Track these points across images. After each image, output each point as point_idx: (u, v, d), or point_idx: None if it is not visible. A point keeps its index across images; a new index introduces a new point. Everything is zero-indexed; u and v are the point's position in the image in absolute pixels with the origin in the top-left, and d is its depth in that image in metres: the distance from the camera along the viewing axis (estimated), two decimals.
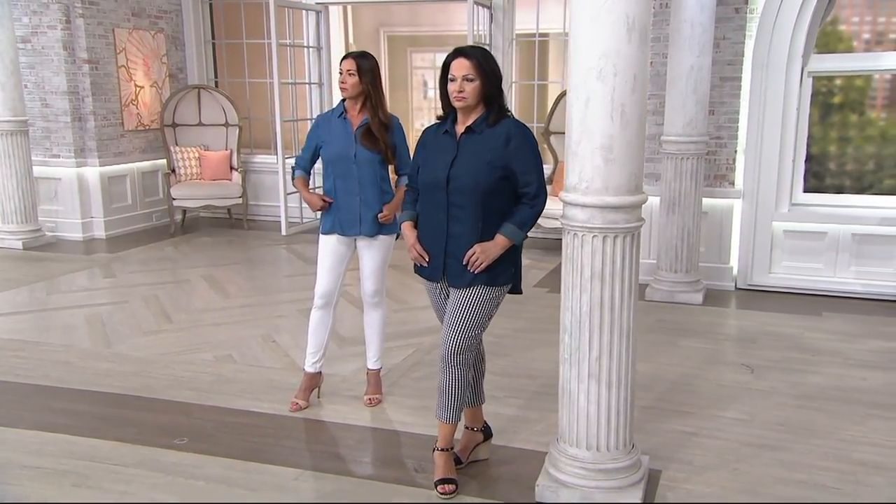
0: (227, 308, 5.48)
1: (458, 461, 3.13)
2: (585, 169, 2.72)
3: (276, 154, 7.98)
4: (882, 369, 4.27)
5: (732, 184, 5.92)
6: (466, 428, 3.23)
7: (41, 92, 7.54)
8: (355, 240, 3.69)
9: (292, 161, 8.09)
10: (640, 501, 2.84)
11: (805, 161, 5.97)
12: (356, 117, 3.59)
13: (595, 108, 2.67)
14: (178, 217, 8.19)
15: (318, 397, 3.85)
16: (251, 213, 8.57)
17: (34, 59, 7.48)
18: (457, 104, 2.88)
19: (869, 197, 5.93)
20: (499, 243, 2.86)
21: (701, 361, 4.42)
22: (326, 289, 3.72)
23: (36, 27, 7.38)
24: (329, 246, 3.68)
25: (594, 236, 2.74)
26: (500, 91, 2.92)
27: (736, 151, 5.89)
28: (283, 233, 7.92)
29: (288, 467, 3.19)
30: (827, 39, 6.03)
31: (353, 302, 5.63)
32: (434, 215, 2.95)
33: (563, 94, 7.54)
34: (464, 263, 2.88)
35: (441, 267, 2.97)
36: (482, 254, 2.85)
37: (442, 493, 2.96)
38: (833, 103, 6.25)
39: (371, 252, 3.70)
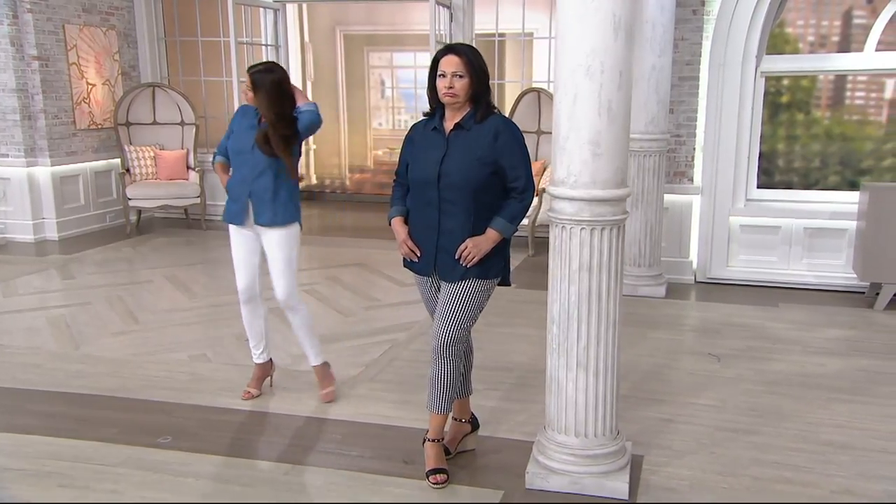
0: (195, 308, 5.41)
1: (446, 452, 3.18)
2: (574, 163, 2.81)
3: None
4: (839, 356, 4.49)
5: (691, 180, 6.12)
6: (454, 419, 3.29)
7: None
8: (257, 232, 3.62)
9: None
10: (627, 484, 2.95)
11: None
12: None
13: (583, 104, 2.76)
14: (134, 217, 8.02)
15: (271, 386, 3.93)
16: (209, 213, 8.45)
17: None
18: (446, 100, 2.92)
19: (820, 192, 6.21)
20: (490, 237, 2.93)
21: (669, 352, 4.57)
22: (245, 284, 3.72)
23: None
24: (236, 238, 3.67)
25: (582, 229, 2.83)
26: (488, 89, 2.97)
27: (695, 149, 6.10)
28: None
29: (277, 462, 3.20)
30: (775, 41, 6.28)
31: (322, 300, 5.63)
32: (425, 211, 3.00)
33: (524, 93, 7.67)
34: (456, 258, 2.93)
35: (432, 261, 3.02)
36: (474, 248, 2.91)
37: (434, 483, 3.01)
38: (781, 103, 6.52)
39: (272, 248, 3.62)
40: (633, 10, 2.77)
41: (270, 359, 3.92)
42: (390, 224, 3.15)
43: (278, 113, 3.48)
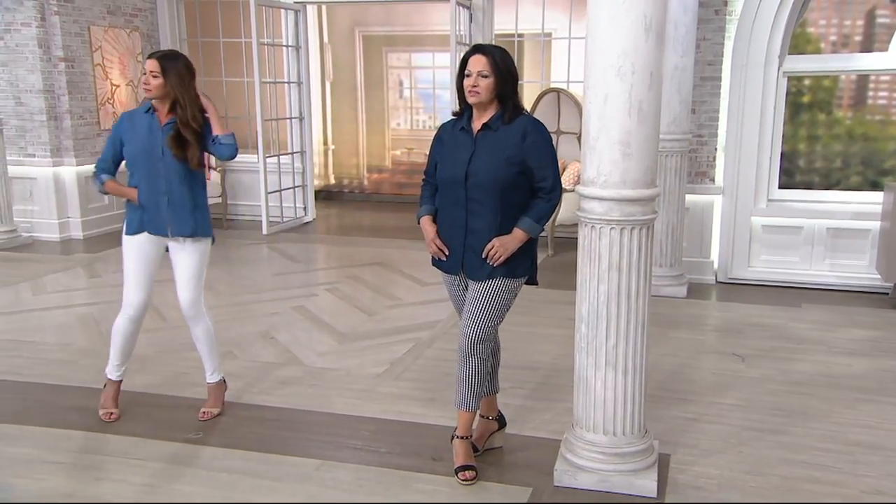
0: (220, 306, 5.47)
1: (474, 449, 3.20)
2: (603, 163, 2.82)
3: (257, 153, 7.96)
4: (864, 356, 4.48)
5: (713, 180, 6.11)
6: (482, 417, 3.30)
7: (15, 91, 7.40)
8: (165, 243, 3.48)
9: (274, 160, 8.13)
10: (655, 483, 2.96)
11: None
12: (164, 117, 3.38)
13: (613, 104, 2.77)
14: None
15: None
16: (230, 213, 8.53)
17: (7, 57, 7.34)
18: (470, 99, 2.94)
19: (842, 193, 6.18)
20: (517, 237, 2.95)
21: (693, 351, 4.57)
22: (143, 298, 3.49)
23: (9, 24, 7.24)
24: (137, 249, 3.45)
25: (612, 228, 2.84)
26: (515, 90, 2.98)
27: (716, 149, 6.09)
28: (265, 232, 7.92)
29: (308, 458, 3.23)
30: (797, 41, 6.26)
31: (344, 299, 5.67)
32: (453, 210, 3.02)
33: (543, 93, 7.68)
34: (483, 257, 2.96)
35: (460, 260, 3.04)
36: (501, 247, 2.93)
37: (463, 480, 3.04)
38: (802, 103, 6.50)
39: (184, 258, 3.48)
40: (664, 11, 2.78)
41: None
42: (419, 223, 3.17)
43: (192, 98, 3.34)
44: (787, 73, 6.03)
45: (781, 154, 6.19)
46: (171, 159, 3.35)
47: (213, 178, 8.22)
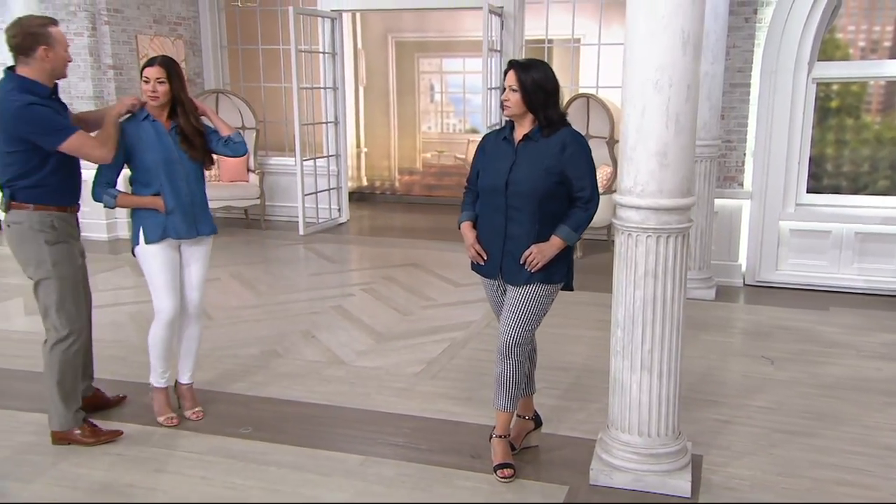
0: (262, 305, 5.58)
1: (511, 448, 3.25)
2: (641, 173, 2.85)
3: (295, 156, 8.08)
4: (894, 360, 4.44)
5: (742, 185, 6.09)
6: (518, 416, 3.35)
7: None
8: (180, 248, 3.51)
9: (310, 163, 8.23)
10: (689, 483, 2.98)
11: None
12: (166, 122, 3.39)
13: (651, 116, 2.80)
14: None
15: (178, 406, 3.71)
16: (268, 214, 8.65)
17: None
18: (503, 112, 3.04)
19: (871, 197, 6.12)
20: (554, 244, 2.99)
21: (723, 354, 4.57)
22: (176, 302, 3.50)
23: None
24: (162, 256, 3.43)
25: (648, 236, 2.88)
26: (547, 103, 2.98)
27: (745, 154, 6.06)
28: (301, 232, 8.02)
29: (351, 454, 3.31)
30: (825, 47, 6.21)
31: (380, 299, 5.73)
32: (493, 217, 3.07)
33: (573, 99, 7.69)
34: (521, 263, 3.00)
35: (498, 265, 3.09)
36: (539, 254, 2.98)
37: (502, 477, 3.09)
38: (830, 107, 6.44)
39: (199, 259, 3.54)
40: (701, 26, 2.80)
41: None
42: (459, 228, 3.22)
43: (190, 101, 3.38)
44: (817, 80, 5.98)
45: (809, 159, 6.15)
46: (188, 161, 3.40)
47: (252, 179, 8.35)
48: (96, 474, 3.13)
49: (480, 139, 3.24)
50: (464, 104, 10.91)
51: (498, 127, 3.18)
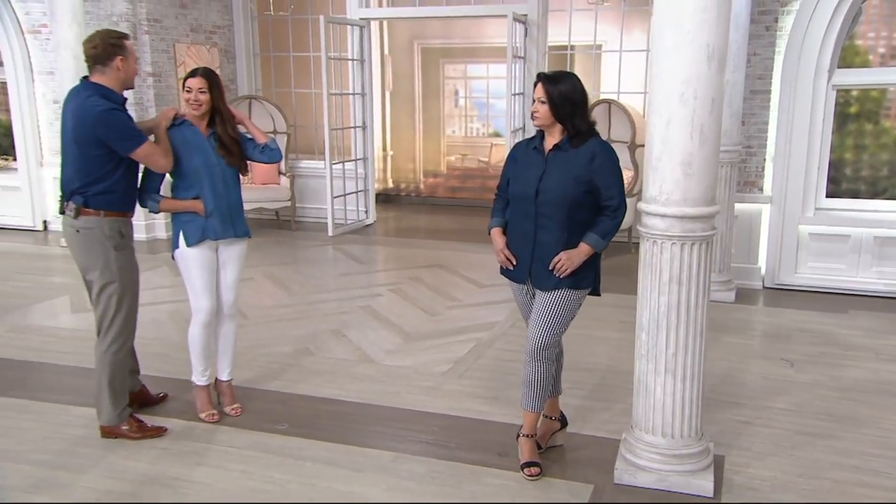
0: (294, 304, 5.65)
1: (537, 447, 3.28)
2: (666, 182, 2.87)
3: (324, 159, 8.15)
4: None
5: (761, 189, 6.06)
6: (545, 416, 3.38)
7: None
8: (217, 250, 3.58)
9: (339, 166, 8.30)
10: (712, 483, 2.99)
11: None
12: (205, 129, 3.48)
13: (676, 127, 2.82)
14: None
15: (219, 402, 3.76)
16: (297, 215, 8.74)
17: None
18: (532, 122, 3.08)
19: (890, 202, 6.06)
20: (583, 251, 3.01)
21: (743, 356, 4.56)
22: (213, 302, 3.59)
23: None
24: (200, 258, 3.50)
25: (673, 244, 2.89)
26: (575, 114, 3.00)
27: (765, 159, 6.03)
28: (330, 233, 8.10)
29: (383, 450, 3.36)
30: (845, 53, 6.15)
31: (406, 299, 5.78)
32: (523, 224, 3.10)
33: (595, 104, 7.67)
34: (550, 269, 3.03)
35: (527, 270, 3.12)
36: (567, 260, 3.00)
37: (529, 475, 3.12)
38: (850, 113, 6.38)
39: (235, 259, 3.62)
40: (726, 40, 2.81)
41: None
42: (489, 234, 3.26)
43: (228, 109, 3.48)
44: (837, 87, 5.92)
45: (829, 163, 6.09)
46: (227, 167, 3.49)
47: (283, 182, 8.44)
48: (142, 467, 3.21)
49: (511, 148, 3.27)
50: (487, 108, 10.93)
51: (517, 129, 3.18)
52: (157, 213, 3.57)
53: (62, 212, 3.35)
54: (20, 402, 3.85)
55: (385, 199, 10.64)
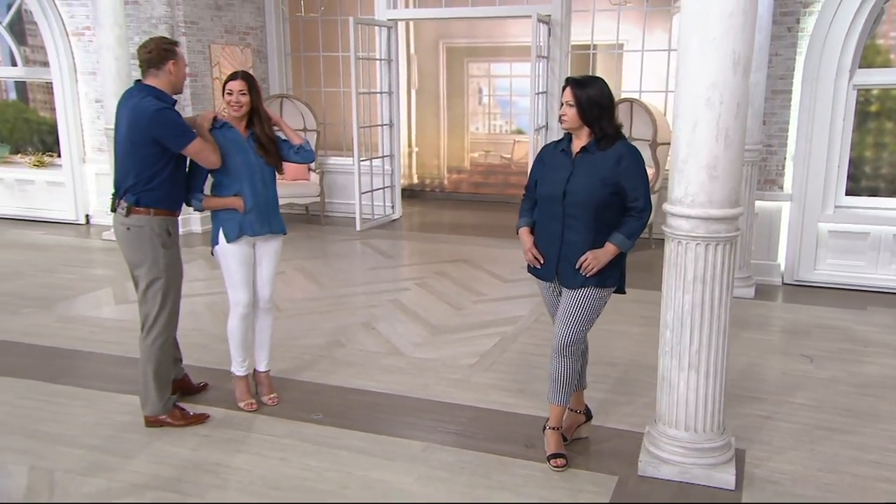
0: (325, 298, 5.71)
1: (563, 439, 3.31)
2: (691, 184, 2.87)
3: (353, 156, 8.20)
4: None
5: (781, 188, 6.00)
6: (570, 410, 3.40)
7: None
8: (254, 245, 3.63)
9: (367, 163, 8.35)
10: (734, 476, 3.00)
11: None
12: (244, 130, 3.54)
13: (702, 131, 2.82)
14: None
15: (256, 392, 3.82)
16: (326, 210, 8.81)
17: None
18: (561, 125, 3.09)
19: None
20: (609, 251, 3.03)
21: (763, 351, 4.54)
22: (250, 296, 3.65)
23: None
24: (239, 254, 3.57)
25: (697, 244, 2.90)
26: (602, 117, 3.01)
27: (785, 158, 5.97)
28: (358, 228, 8.16)
29: (414, 441, 3.41)
30: (866, 52, 6.06)
31: (433, 293, 5.82)
32: (550, 224, 3.12)
33: (617, 103, 7.63)
34: (576, 268, 3.05)
35: (554, 269, 3.14)
36: (594, 260, 3.02)
37: (555, 466, 3.15)
38: (870, 111, 6.29)
39: (271, 255, 3.67)
40: (752, 47, 2.80)
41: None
42: (517, 233, 3.28)
43: (265, 111, 3.55)
44: (858, 87, 5.85)
45: (849, 162, 6.02)
46: (265, 166, 3.56)
47: (313, 178, 8.52)
48: (185, 453, 3.29)
49: (539, 150, 3.29)
50: (510, 106, 10.92)
51: (540, 127, 3.20)
52: (201, 211, 3.64)
53: (114, 209, 3.43)
54: (70, 390, 3.96)
55: (410, 194, 10.68)
